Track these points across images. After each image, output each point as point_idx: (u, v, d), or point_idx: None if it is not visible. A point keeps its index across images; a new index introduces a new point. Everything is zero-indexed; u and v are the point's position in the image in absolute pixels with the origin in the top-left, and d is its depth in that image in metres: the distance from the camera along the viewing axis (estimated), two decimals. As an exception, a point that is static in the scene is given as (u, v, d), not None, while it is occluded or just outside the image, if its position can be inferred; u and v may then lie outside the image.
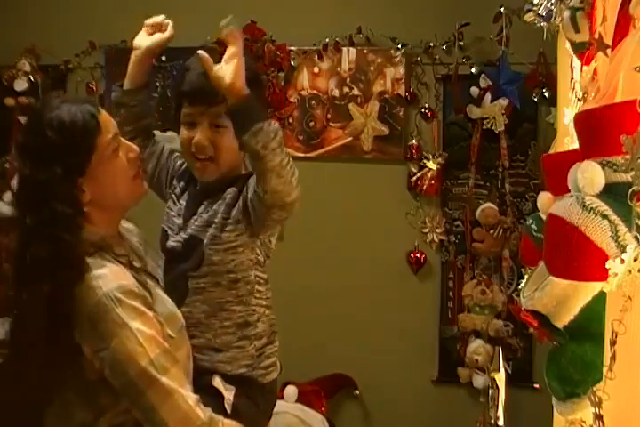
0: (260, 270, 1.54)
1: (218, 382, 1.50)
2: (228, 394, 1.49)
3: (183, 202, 1.60)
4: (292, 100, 3.20)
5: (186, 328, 1.50)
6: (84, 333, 1.36)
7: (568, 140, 1.47)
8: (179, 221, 1.58)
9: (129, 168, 1.47)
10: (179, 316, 1.49)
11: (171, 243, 1.59)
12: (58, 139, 1.38)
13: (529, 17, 1.62)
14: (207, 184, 1.59)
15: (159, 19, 1.65)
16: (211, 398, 1.47)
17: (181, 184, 1.64)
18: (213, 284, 1.51)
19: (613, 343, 0.92)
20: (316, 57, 3.19)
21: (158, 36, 1.67)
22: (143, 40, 1.67)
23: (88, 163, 1.41)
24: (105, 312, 1.34)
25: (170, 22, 1.64)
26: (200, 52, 1.41)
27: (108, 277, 1.37)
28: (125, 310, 1.34)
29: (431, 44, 3.09)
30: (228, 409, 1.47)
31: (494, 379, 2.39)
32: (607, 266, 0.84)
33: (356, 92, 3.17)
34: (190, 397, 1.35)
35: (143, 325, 1.35)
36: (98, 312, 1.34)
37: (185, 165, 1.67)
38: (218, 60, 1.48)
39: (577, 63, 1.39)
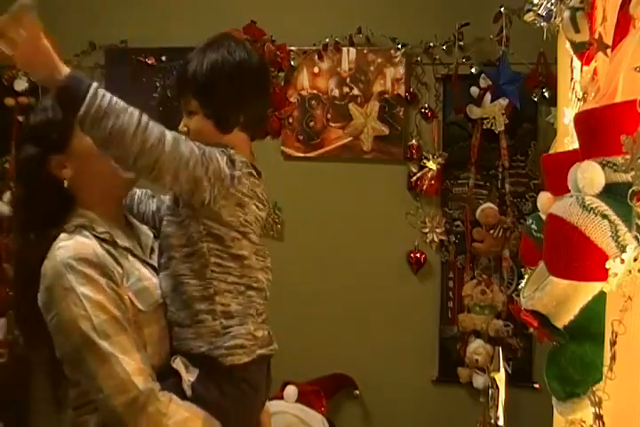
0: (218, 244, 1.47)
1: (178, 362, 1.45)
2: (189, 376, 1.44)
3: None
4: (291, 100, 3.20)
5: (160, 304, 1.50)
6: (43, 303, 1.39)
7: (568, 140, 1.47)
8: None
9: None
10: (155, 293, 1.48)
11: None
12: (38, 119, 1.48)
13: (529, 17, 1.62)
14: None
15: None
16: (172, 379, 1.44)
17: None
18: (170, 257, 1.50)
19: (613, 343, 0.92)
20: (316, 57, 3.19)
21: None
22: None
23: (68, 138, 1.46)
24: (57, 278, 1.37)
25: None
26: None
27: (69, 246, 1.40)
28: (75, 275, 1.37)
29: (431, 44, 3.09)
30: (187, 391, 1.42)
31: (494, 379, 2.39)
32: (607, 266, 0.84)
33: (355, 92, 3.17)
34: (130, 364, 1.35)
35: (91, 291, 1.36)
36: (52, 279, 1.38)
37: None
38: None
39: (577, 63, 1.39)
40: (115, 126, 1.32)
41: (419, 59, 3.13)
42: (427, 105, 3.13)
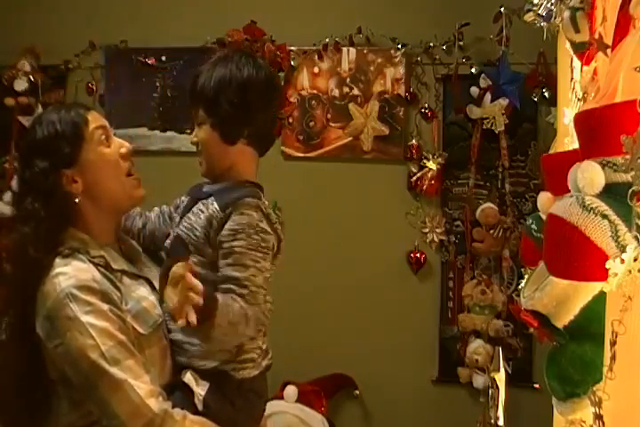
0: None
1: (189, 377, 1.48)
2: (200, 390, 1.47)
3: (183, 205, 1.62)
4: (292, 100, 3.20)
5: (165, 325, 1.50)
6: (45, 330, 1.39)
7: (568, 140, 1.47)
8: (177, 220, 1.61)
9: (121, 161, 1.52)
10: (154, 313, 1.49)
11: (167, 241, 1.61)
12: (46, 133, 1.47)
13: (529, 17, 1.62)
14: (209, 187, 1.60)
15: None
16: (183, 394, 1.46)
17: (183, 197, 1.66)
18: None
19: (613, 343, 0.92)
20: (316, 57, 3.19)
21: None
22: None
23: (77, 152, 1.47)
24: (60, 308, 1.37)
25: None
26: None
27: (68, 273, 1.40)
28: (78, 304, 1.37)
29: (431, 44, 3.09)
30: (199, 406, 1.45)
31: (494, 379, 2.39)
32: (607, 266, 0.84)
33: (355, 92, 3.17)
34: (142, 388, 1.35)
35: (96, 318, 1.36)
36: (54, 309, 1.37)
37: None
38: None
39: (577, 63, 1.39)
40: (225, 334, 1.45)
41: (419, 59, 3.13)
42: (427, 105, 3.13)
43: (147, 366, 1.41)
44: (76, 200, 1.47)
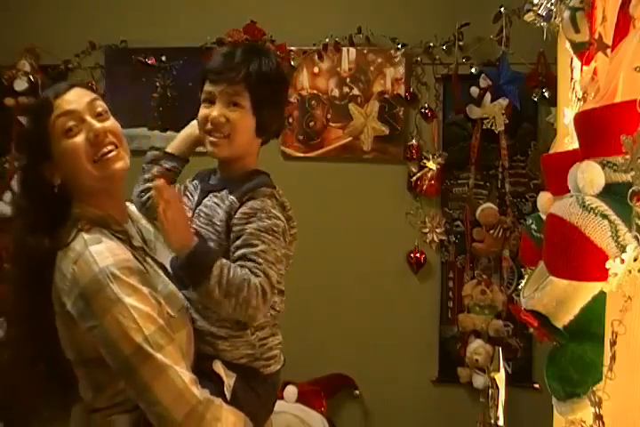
0: None
1: (219, 366, 1.49)
2: (229, 380, 1.48)
3: (196, 196, 1.60)
4: (291, 100, 3.20)
5: (190, 312, 1.50)
6: (79, 310, 1.35)
7: (568, 141, 1.47)
8: (189, 214, 1.58)
9: (87, 149, 1.43)
10: (180, 296, 1.49)
11: None
12: (25, 127, 1.48)
13: (529, 17, 1.62)
14: (218, 178, 1.59)
15: None
16: (211, 383, 1.46)
17: (195, 182, 1.64)
18: None
19: (613, 343, 0.92)
20: (316, 57, 3.19)
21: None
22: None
23: (47, 146, 1.43)
24: (99, 289, 1.33)
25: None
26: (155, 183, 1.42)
27: (104, 253, 1.36)
28: (121, 286, 1.33)
29: (431, 44, 3.09)
30: (228, 395, 1.46)
31: (494, 379, 2.39)
32: (607, 266, 0.84)
33: (356, 92, 3.17)
34: (186, 375, 1.34)
35: (138, 301, 1.33)
36: (92, 289, 1.33)
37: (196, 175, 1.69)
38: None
39: (577, 63, 1.39)
40: (226, 295, 1.40)
41: (419, 59, 3.13)
42: (427, 105, 3.13)
43: (182, 350, 1.40)
44: (55, 190, 1.45)
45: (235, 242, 1.46)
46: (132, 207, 1.65)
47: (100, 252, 1.36)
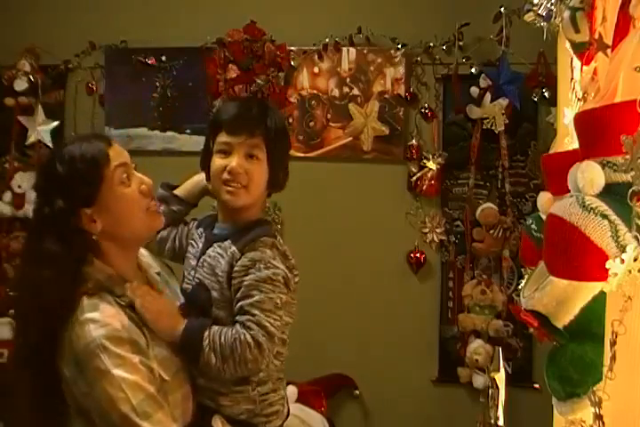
0: None
1: (218, 423, 1.50)
2: None
3: (200, 244, 1.62)
4: (291, 100, 3.20)
5: (190, 369, 1.51)
6: (73, 375, 1.39)
7: (568, 141, 1.47)
8: (193, 262, 1.60)
9: (141, 199, 1.49)
10: (174, 359, 1.49)
11: (185, 285, 1.61)
12: (66, 171, 1.43)
13: (529, 17, 1.62)
14: (222, 228, 1.60)
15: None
16: None
17: (200, 230, 1.65)
18: None
19: (613, 343, 0.92)
20: (316, 57, 3.19)
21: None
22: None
23: (97, 192, 1.44)
24: (91, 358, 1.36)
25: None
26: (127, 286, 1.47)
27: (99, 321, 1.39)
28: (110, 356, 1.36)
29: (431, 44, 3.09)
30: None
31: (494, 379, 2.39)
32: (607, 266, 0.84)
33: (355, 92, 3.17)
34: None
35: (127, 372, 1.36)
36: (84, 357, 1.37)
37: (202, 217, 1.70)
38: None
39: (577, 63, 1.39)
40: (223, 360, 1.45)
41: (419, 59, 3.13)
42: (427, 105, 3.13)
43: (173, 414, 1.41)
44: (94, 238, 1.45)
45: (235, 295, 1.48)
46: (143, 254, 1.65)
47: (94, 320, 1.39)
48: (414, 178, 3.10)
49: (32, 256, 1.46)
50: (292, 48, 3.19)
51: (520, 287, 1.53)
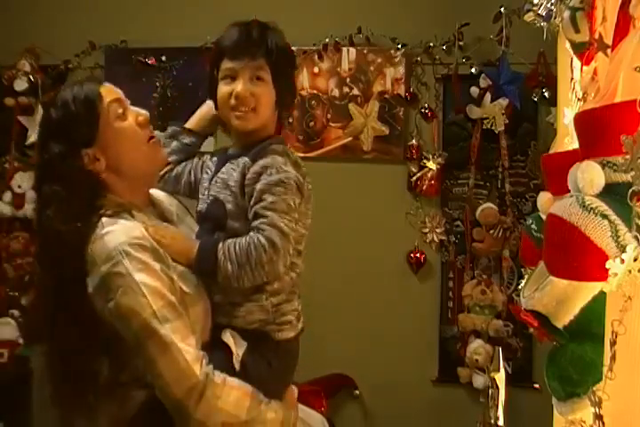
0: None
1: (228, 336, 1.50)
2: (238, 350, 1.49)
3: (214, 169, 1.63)
4: (291, 100, 3.20)
5: (208, 285, 1.52)
6: (96, 287, 1.40)
7: (568, 141, 1.47)
8: (206, 184, 1.61)
9: (140, 131, 1.52)
10: (194, 275, 1.51)
11: (199, 206, 1.63)
12: (62, 115, 1.46)
13: (529, 17, 1.62)
14: (236, 148, 1.61)
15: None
16: (221, 353, 1.47)
17: (214, 159, 1.66)
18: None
19: (613, 343, 0.92)
20: (316, 57, 3.20)
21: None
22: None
23: (95, 131, 1.47)
24: (113, 265, 1.38)
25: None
26: None
27: (118, 231, 1.41)
28: (132, 262, 1.38)
29: (431, 44, 3.09)
30: (237, 366, 1.47)
31: (494, 379, 2.39)
32: (607, 266, 0.84)
33: (355, 92, 3.17)
34: (190, 352, 1.37)
35: (148, 277, 1.38)
36: (107, 265, 1.38)
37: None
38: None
39: (577, 63, 1.39)
40: (240, 267, 1.45)
41: (419, 59, 3.13)
42: (427, 105, 3.13)
43: (193, 326, 1.42)
44: (102, 175, 1.48)
45: (249, 202, 1.49)
46: (155, 191, 1.68)
47: (114, 230, 1.42)
48: (414, 178, 3.10)
49: (42, 200, 1.48)
50: (292, 48, 3.17)
51: (520, 287, 1.53)
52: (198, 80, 3.24)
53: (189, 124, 1.75)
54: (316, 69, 3.20)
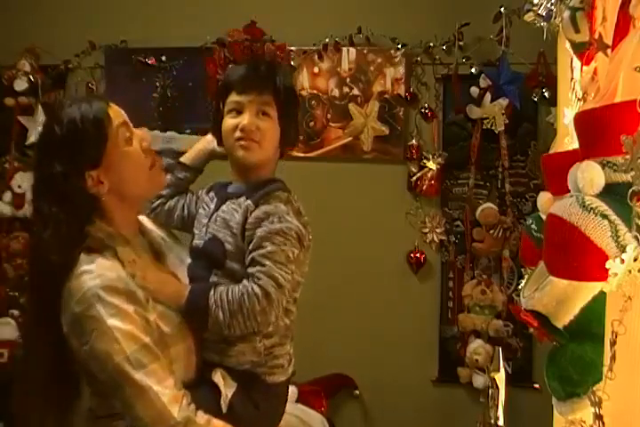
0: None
1: (218, 376, 1.49)
2: (228, 391, 1.48)
3: (212, 206, 1.62)
4: (291, 100, 3.20)
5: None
6: (70, 328, 1.39)
7: (568, 141, 1.47)
8: (205, 220, 1.61)
9: (144, 156, 1.51)
10: (177, 313, 1.49)
11: (195, 241, 1.61)
12: (68, 134, 1.42)
13: (529, 17, 1.62)
14: (236, 186, 1.61)
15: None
16: (210, 393, 1.47)
17: (211, 194, 1.66)
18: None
19: (613, 343, 0.92)
20: (316, 57, 3.19)
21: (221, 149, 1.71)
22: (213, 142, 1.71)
23: (102, 153, 1.44)
24: (86, 308, 1.37)
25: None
26: None
27: (94, 272, 1.39)
28: (104, 306, 1.36)
29: (431, 44, 3.09)
30: (224, 407, 1.46)
31: (494, 379, 2.39)
32: (607, 266, 0.84)
33: (355, 92, 3.17)
34: (166, 395, 1.36)
35: (121, 321, 1.36)
36: (80, 308, 1.37)
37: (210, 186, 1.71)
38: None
39: (577, 63, 1.39)
40: (232, 315, 1.45)
41: (419, 59, 3.13)
42: (427, 105, 3.13)
43: (171, 366, 1.41)
44: (103, 199, 1.46)
45: (248, 246, 1.49)
46: (144, 219, 1.66)
47: (89, 271, 1.39)
48: (414, 178, 3.10)
49: (40, 220, 1.45)
50: (292, 48, 3.19)
51: (520, 287, 1.53)
52: (198, 80, 3.24)
53: (184, 159, 1.74)
54: (316, 69, 3.20)
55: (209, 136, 1.71)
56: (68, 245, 1.41)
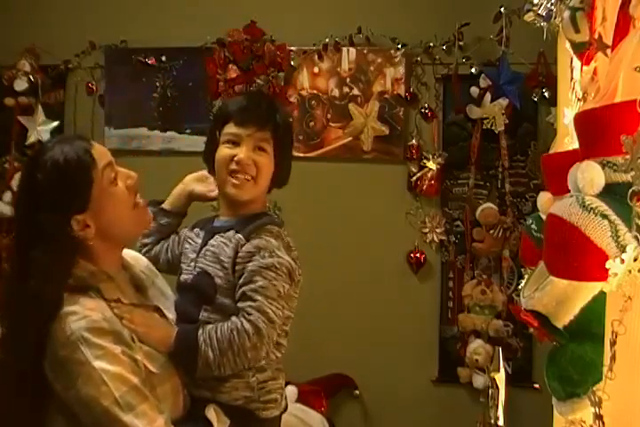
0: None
1: (212, 412, 1.47)
2: (220, 426, 1.47)
3: (199, 240, 1.60)
4: (292, 100, 3.20)
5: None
6: (55, 371, 1.35)
7: (568, 141, 1.47)
8: (192, 255, 1.59)
9: (129, 195, 1.46)
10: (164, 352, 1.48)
11: (184, 276, 1.60)
12: (51, 179, 1.37)
13: (529, 17, 1.62)
14: (224, 220, 1.60)
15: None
16: None
17: (196, 230, 1.64)
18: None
19: (613, 343, 0.92)
20: (316, 57, 3.20)
21: (207, 190, 1.71)
22: (194, 184, 1.72)
23: (88, 198, 1.39)
24: (71, 351, 1.33)
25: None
26: None
27: (78, 314, 1.35)
28: (90, 349, 1.32)
29: (431, 44, 3.09)
30: None
31: (494, 379, 2.39)
32: (607, 266, 0.84)
33: (355, 92, 3.17)
34: None
35: (108, 363, 1.32)
36: (65, 351, 1.33)
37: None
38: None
39: (577, 63, 1.39)
40: (222, 354, 1.44)
41: (419, 59, 3.13)
42: (427, 105, 3.13)
43: (159, 406, 1.37)
44: (90, 242, 1.41)
45: (238, 281, 1.48)
46: (128, 254, 1.62)
47: (74, 312, 1.35)
48: (414, 178, 3.10)
49: (21, 267, 1.40)
50: (292, 48, 3.19)
51: (520, 287, 1.53)
52: (198, 80, 3.24)
53: (165, 205, 1.73)
54: (316, 69, 3.20)
55: (186, 178, 1.72)
56: (58, 290, 1.37)
